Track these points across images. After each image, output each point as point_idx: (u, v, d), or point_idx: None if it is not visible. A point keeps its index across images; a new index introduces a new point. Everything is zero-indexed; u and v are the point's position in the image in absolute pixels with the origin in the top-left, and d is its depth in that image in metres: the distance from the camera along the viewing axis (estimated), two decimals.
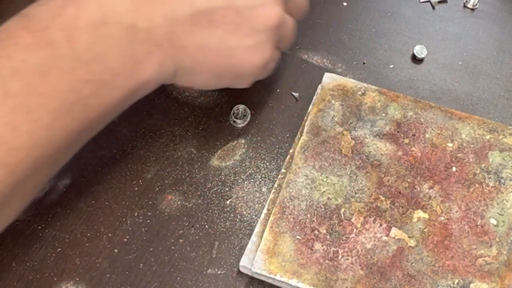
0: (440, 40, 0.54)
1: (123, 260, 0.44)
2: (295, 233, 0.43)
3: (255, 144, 0.49)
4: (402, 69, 0.53)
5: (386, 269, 0.42)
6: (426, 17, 0.56)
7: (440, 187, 0.45)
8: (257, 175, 0.47)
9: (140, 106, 0.50)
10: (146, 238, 0.44)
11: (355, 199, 0.44)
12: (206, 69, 0.41)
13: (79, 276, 0.43)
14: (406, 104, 0.48)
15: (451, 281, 0.41)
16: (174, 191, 0.46)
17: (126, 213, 0.45)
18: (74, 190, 0.46)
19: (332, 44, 0.54)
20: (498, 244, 0.43)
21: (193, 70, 0.41)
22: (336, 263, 0.42)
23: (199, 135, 0.49)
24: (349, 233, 0.43)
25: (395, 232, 0.43)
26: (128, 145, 0.48)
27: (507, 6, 0.56)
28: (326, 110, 0.48)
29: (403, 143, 0.47)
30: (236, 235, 0.45)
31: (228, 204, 0.46)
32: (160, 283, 0.43)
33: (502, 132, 0.47)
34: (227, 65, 0.42)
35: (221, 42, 0.40)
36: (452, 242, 0.43)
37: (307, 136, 0.47)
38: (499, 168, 0.46)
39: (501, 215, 0.44)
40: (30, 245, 0.44)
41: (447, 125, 0.47)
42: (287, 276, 0.41)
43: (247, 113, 0.49)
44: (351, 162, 0.46)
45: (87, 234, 0.44)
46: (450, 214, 0.44)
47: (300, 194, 0.44)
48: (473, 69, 0.53)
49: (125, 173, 0.47)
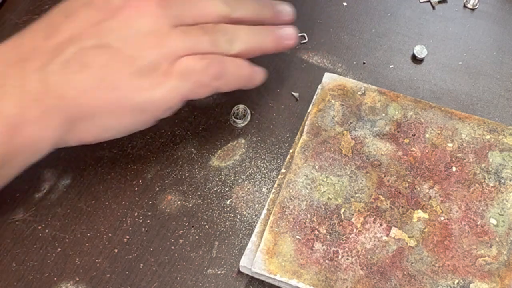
0: (440, 40, 0.54)
1: (123, 260, 0.44)
2: (295, 233, 0.43)
3: (255, 144, 0.49)
4: (402, 69, 0.53)
5: (386, 269, 0.42)
6: (426, 17, 0.56)
7: (440, 187, 0.45)
8: (257, 175, 0.47)
9: None
10: (146, 238, 0.44)
11: (355, 199, 0.44)
12: (100, 110, 0.40)
13: (79, 276, 0.43)
14: (406, 104, 0.48)
15: (451, 281, 0.41)
16: (174, 191, 0.46)
17: (126, 213, 0.45)
18: (74, 190, 0.46)
19: (332, 44, 0.54)
20: (498, 244, 0.43)
21: (90, 117, 0.40)
22: (336, 263, 0.42)
23: (199, 135, 0.49)
24: (349, 233, 0.43)
25: (395, 232, 0.43)
26: (128, 145, 0.48)
27: (507, 6, 0.56)
28: (326, 110, 0.48)
29: (403, 143, 0.47)
30: (236, 235, 0.45)
31: (228, 204, 0.46)
32: (160, 283, 0.43)
33: (502, 132, 0.47)
34: (116, 100, 0.40)
35: (100, 80, 0.39)
36: (452, 242, 0.43)
37: (307, 136, 0.47)
38: (499, 168, 0.46)
39: (501, 215, 0.44)
40: (30, 245, 0.44)
41: (447, 125, 0.47)
42: (287, 276, 0.41)
43: (247, 113, 0.49)
44: (351, 162, 0.46)
45: (87, 234, 0.44)
46: (450, 214, 0.44)
47: (300, 194, 0.44)
48: (473, 69, 0.53)
49: (125, 173, 0.47)
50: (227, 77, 0.42)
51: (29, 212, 0.45)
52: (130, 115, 0.41)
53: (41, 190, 0.46)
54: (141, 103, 0.40)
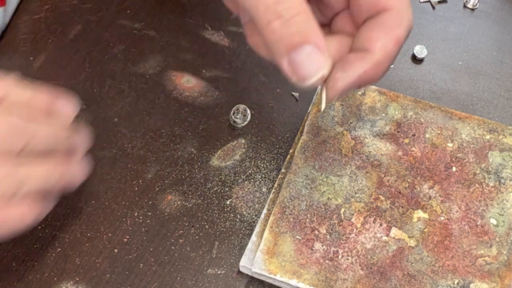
0: (440, 40, 0.54)
1: (123, 260, 0.44)
2: (295, 233, 0.43)
3: (255, 144, 0.49)
4: (402, 69, 0.53)
5: (386, 269, 0.42)
6: (426, 17, 0.56)
7: (440, 187, 0.45)
8: (257, 175, 0.47)
9: (140, 106, 0.50)
10: (146, 238, 0.44)
11: (355, 199, 0.44)
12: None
13: (79, 276, 0.43)
14: (406, 104, 0.48)
15: (451, 281, 0.41)
16: (174, 191, 0.46)
17: (126, 213, 0.45)
18: (74, 190, 0.46)
19: None
20: (498, 244, 0.43)
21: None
22: (336, 263, 0.42)
23: (199, 135, 0.49)
24: (349, 233, 0.43)
25: (395, 232, 0.43)
26: (128, 145, 0.48)
27: (507, 6, 0.56)
28: (326, 110, 0.48)
29: (403, 143, 0.47)
30: (236, 235, 0.45)
31: (228, 204, 0.46)
32: (160, 283, 0.43)
33: (502, 132, 0.47)
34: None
35: None
36: (452, 242, 0.43)
37: (307, 136, 0.47)
38: (499, 168, 0.46)
39: (501, 215, 0.44)
40: (30, 245, 0.44)
41: (447, 125, 0.47)
42: (287, 276, 0.41)
43: (247, 113, 0.49)
44: (351, 162, 0.46)
45: (87, 234, 0.44)
46: (450, 214, 0.44)
47: (300, 194, 0.44)
48: (473, 69, 0.53)
49: (125, 173, 0.47)
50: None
51: None
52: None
53: None
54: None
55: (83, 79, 0.51)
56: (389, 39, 0.34)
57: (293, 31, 0.32)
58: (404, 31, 0.35)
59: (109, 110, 0.50)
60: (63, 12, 0.55)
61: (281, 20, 0.32)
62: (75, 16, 0.55)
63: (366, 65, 0.34)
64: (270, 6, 0.32)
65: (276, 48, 0.33)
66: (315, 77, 0.34)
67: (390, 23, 0.35)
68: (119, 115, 0.50)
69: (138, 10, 0.55)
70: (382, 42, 0.34)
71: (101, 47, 0.53)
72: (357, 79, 0.34)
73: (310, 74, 0.33)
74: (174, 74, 0.52)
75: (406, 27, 0.35)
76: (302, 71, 0.33)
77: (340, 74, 0.34)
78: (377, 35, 0.34)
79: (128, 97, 0.51)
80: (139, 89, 0.51)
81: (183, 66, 0.52)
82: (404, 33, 0.35)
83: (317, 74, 0.33)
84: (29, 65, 0.52)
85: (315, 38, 0.33)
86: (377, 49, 0.34)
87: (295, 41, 0.33)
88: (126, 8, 0.55)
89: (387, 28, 0.35)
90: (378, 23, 0.35)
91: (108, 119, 0.49)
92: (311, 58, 0.33)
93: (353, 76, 0.34)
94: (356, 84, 0.35)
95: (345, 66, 0.34)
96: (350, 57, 0.35)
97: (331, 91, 0.35)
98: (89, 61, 0.52)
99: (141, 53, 0.53)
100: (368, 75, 0.35)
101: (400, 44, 0.35)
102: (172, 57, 0.53)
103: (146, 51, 0.53)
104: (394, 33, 0.35)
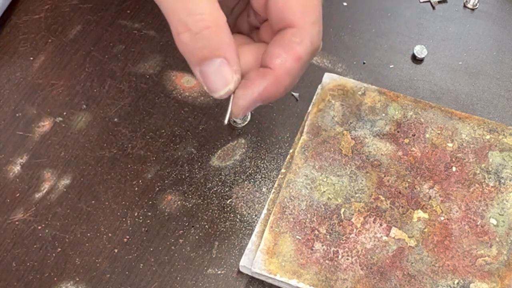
0: (440, 40, 0.54)
1: (123, 260, 0.44)
2: (295, 233, 0.43)
3: (255, 144, 0.49)
4: (402, 69, 0.53)
5: (386, 269, 0.42)
6: (426, 17, 0.56)
7: (440, 187, 0.45)
8: (257, 175, 0.47)
9: (140, 106, 0.50)
10: (146, 238, 0.44)
11: (355, 199, 0.44)
12: None
13: (79, 276, 0.43)
14: (406, 104, 0.48)
15: (451, 281, 0.41)
16: (174, 191, 0.46)
17: (126, 213, 0.45)
18: (74, 190, 0.46)
19: (332, 44, 0.54)
20: (498, 244, 0.43)
21: None
22: (336, 263, 0.42)
23: (199, 135, 0.49)
24: (349, 233, 0.43)
25: (395, 232, 0.43)
26: (128, 145, 0.48)
27: (507, 6, 0.56)
28: (326, 110, 0.48)
29: (403, 143, 0.47)
30: (236, 235, 0.45)
31: (228, 204, 0.46)
32: (160, 283, 0.43)
33: (502, 132, 0.47)
34: None
35: None
36: (452, 242, 0.43)
37: (307, 136, 0.47)
38: (499, 168, 0.46)
39: (501, 215, 0.44)
40: (30, 245, 0.44)
41: (447, 125, 0.47)
42: (287, 276, 0.41)
43: (247, 113, 0.49)
44: (351, 162, 0.46)
45: (87, 234, 0.45)
46: (450, 214, 0.44)
47: (300, 194, 0.44)
48: (473, 69, 0.53)
49: (125, 173, 0.47)
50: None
51: (29, 212, 0.45)
52: None
53: (41, 190, 0.46)
54: None
55: (83, 79, 0.51)
56: (289, 56, 0.34)
57: (201, 45, 0.33)
58: (305, 49, 0.35)
59: (109, 110, 0.50)
60: (63, 12, 0.55)
61: (190, 33, 0.33)
62: (75, 16, 0.55)
63: (266, 83, 0.35)
64: (181, 18, 0.33)
65: (188, 58, 0.34)
66: (223, 91, 0.34)
67: (292, 40, 0.35)
68: (119, 115, 0.50)
69: (138, 10, 0.55)
70: (281, 59, 0.34)
71: (101, 47, 0.53)
72: (258, 97, 0.35)
73: (218, 88, 0.34)
74: (174, 74, 0.52)
75: (309, 44, 0.35)
76: (210, 84, 0.34)
77: (242, 91, 0.35)
78: (278, 52, 0.35)
79: (128, 97, 0.51)
80: (139, 89, 0.51)
81: (183, 66, 0.52)
82: (305, 51, 0.35)
83: (224, 89, 0.34)
84: (29, 65, 0.52)
85: (223, 52, 0.33)
86: (276, 66, 0.34)
87: (204, 54, 0.33)
88: (126, 8, 0.55)
89: (287, 46, 0.35)
90: (280, 39, 0.35)
91: (108, 119, 0.49)
92: (219, 72, 0.34)
93: (253, 93, 0.35)
94: (258, 100, 0.35)
95: (247, 84, 0.35)
96: (252, 74, 0.35)
97: (235, 107, 0.35)
98: (89, 61, 0.52)
99: (141, 53, 0.53)
100: (269, 92, 0.35)
101: (302, 61, 0.35)
102: (172, 57, 0.53)
103: (146, 51, 0.53)
104: (294, 51, 0.34)
